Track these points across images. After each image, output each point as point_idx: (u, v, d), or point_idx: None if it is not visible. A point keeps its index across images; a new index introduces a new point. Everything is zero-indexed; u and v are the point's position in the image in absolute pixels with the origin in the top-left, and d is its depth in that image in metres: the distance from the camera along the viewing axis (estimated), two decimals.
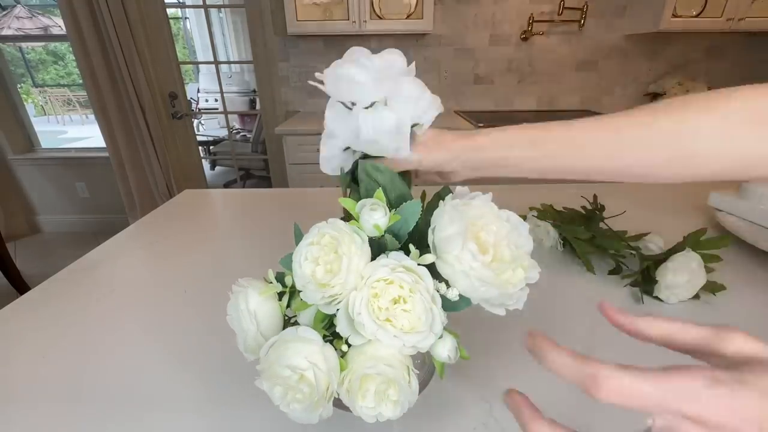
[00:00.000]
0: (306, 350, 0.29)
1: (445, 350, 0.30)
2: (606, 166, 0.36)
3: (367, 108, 0.35)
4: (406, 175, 0.39)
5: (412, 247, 0.31)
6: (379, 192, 0.33)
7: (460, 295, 0.30)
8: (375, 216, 0.31)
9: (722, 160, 0.32)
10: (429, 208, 0.33)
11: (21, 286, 1.93)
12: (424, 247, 0.32)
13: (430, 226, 0.31)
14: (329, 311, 0.30)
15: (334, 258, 0.30)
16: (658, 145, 0.33)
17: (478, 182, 0.36)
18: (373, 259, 0.31)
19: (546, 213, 0.70)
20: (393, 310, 0.28)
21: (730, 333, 0.19)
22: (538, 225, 0.69)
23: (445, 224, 0.29)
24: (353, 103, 0.35)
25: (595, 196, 0.70)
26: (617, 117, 0.35)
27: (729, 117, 0.31)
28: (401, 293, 0.28)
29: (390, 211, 0.32)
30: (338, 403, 0.31)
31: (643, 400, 0.16)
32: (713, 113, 0.31)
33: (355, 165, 0.38)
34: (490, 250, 0.29)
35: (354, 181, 0.39)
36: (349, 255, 0.29)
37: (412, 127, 0.37)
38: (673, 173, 0.34)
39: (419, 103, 0.36)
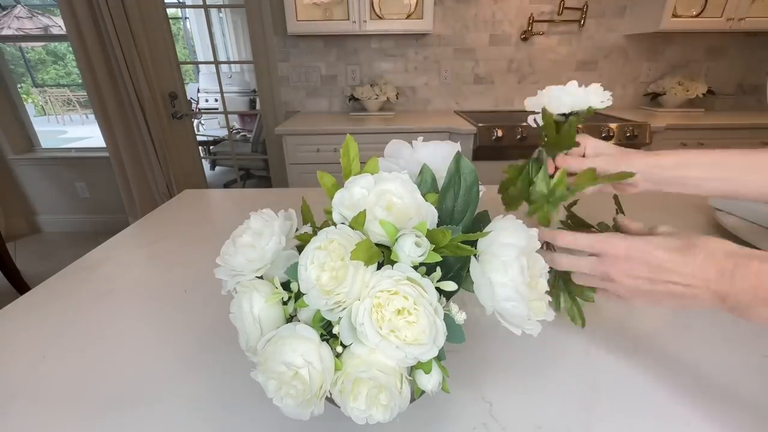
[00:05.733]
0: (302, 348, 0.29)
1: (429, 383, 0.30)
2: None
3: None
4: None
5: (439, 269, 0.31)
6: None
7: (455, 330, 0.31)
8: (416, 251, 0.29)
9: None
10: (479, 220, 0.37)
11: (21, 286, 1.94)
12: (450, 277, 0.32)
13: (485, 225, 0.35)
14: (332, 317, 0.30)
15: (340, 265, 0.29)
16: None
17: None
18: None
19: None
20: (396, 321, 0.28)
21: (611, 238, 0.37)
22: None
23: (509, 232, 0.32)
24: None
25: (616, 197, 0.68)
26: None
27: None
28: (405, 305, 0.28)
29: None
30: (333, 400, 0.31)
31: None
32: None
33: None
34: (527, 274, 0.32)
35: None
36: (356, 264, 0.28)
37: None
38: None
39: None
